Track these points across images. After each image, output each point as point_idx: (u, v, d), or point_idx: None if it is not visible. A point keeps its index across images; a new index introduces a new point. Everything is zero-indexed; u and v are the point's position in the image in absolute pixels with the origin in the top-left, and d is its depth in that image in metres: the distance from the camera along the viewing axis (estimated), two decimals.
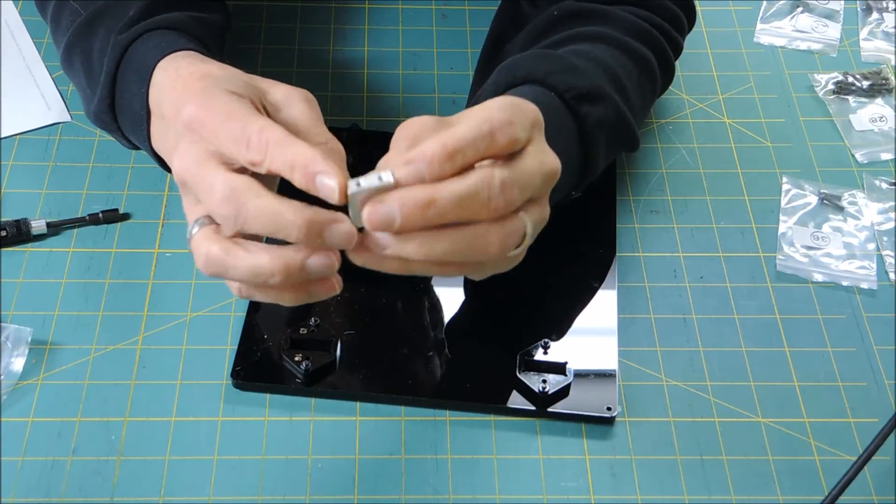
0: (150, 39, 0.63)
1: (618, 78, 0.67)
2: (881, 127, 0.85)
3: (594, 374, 0.68)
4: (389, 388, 0.67)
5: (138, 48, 0.63)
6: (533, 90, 0.63)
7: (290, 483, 0.63)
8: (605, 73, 0.66)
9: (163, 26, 0.64)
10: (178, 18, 0.66)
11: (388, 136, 0.80)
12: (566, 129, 0.63)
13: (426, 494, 0.63)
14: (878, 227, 0.78)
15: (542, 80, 0.63)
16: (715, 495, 0.64)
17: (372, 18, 0.92)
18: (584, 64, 0.66)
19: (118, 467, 0.63)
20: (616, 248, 0.75)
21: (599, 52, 0.68)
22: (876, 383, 0.69)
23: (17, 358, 0.67)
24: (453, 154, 0.48)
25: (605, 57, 0.68)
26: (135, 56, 0.63)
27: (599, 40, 0.69)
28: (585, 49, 0.68)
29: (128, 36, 0.64)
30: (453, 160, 0.48)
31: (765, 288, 0.74)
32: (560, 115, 0.63)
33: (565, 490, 0.64)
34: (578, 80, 0.64)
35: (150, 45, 0.63)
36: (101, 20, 0.67)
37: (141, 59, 0.62)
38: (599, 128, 0.65)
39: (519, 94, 0.61)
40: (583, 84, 0.64)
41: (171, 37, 0.64)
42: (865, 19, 0.95)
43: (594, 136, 0.64)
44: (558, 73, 0.63)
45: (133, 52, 0.64)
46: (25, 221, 0.74)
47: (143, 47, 0.63)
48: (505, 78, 0.65)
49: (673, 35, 0.74)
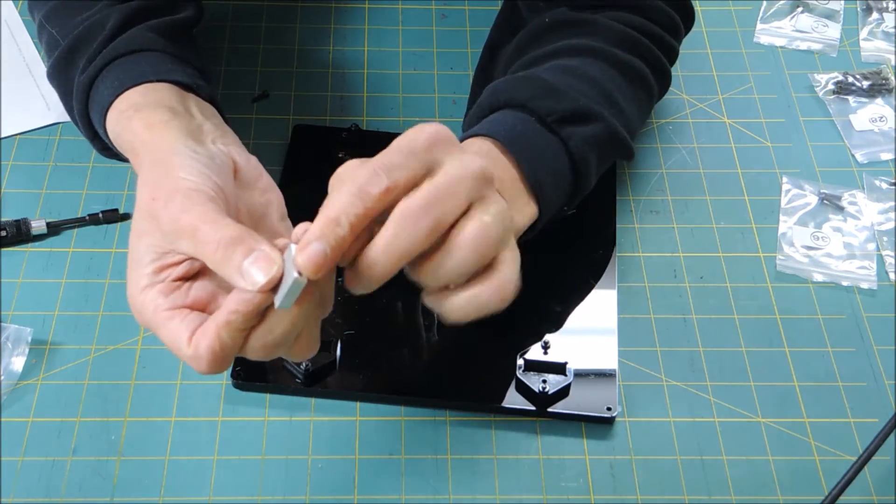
0: (107, 75, 0.63)
1: (607, 92, 0.67)
2: (881, 127, 0.85)
3: (594, 374, 0.68)
4: (389, 388, 0.67)
5: (98, 87, 0.64)
6: (514, 115, 0.64)
7: (290, 483, 0.63)
8: (593, 89, 0.67)
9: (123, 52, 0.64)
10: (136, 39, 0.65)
11: (388, 136, 0.80)
12: (552, 150, 0.63)
13: (426, 494, 0.63)
14: (878, 227, 0.78)
15: (524, 105, 0.64)
16: (715, 495, 0.64)
17: (372, 18, 0.92)
18: (570, 82, 0.66)
19: (118, 467, 0.63)
20: (616, 248, 0.75)
21: (587, 66, 0.68)
22: (876, 383, 0.69)
23: (17, 358, 0.67)
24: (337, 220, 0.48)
25: (594, 72, 0.68)
26: (96, 96, 0.64)
27: (587, 53, 0.69)
28: (574, 64, 0.68)
29: (87, 76, 0.64)
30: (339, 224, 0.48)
31: (765, 288, 0.74)
32: (544, 138, 0.63)
33: (565, 490, 0.64)
34: (560, 103, 0.64)
35: (106, 84, 0.63)
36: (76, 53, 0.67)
37: (100, 100, 0.63)
38: (588, 146, 0.65)
39: (500, 119, 0.63)
40: (564, 107, 0.64)
41: (126, 67, 0.63)
42: (865, 19, 0.95)
43: (582, 154, 0.64)
44: (539, 98, 0.64)
45: (95, 91, 0.64)
46: (25, 221, 0.74)
47: (102, 85, 0.63)
48: (488, 101, 0.66)
49: (666, 41, 0.74)
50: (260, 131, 0.82)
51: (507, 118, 0.63)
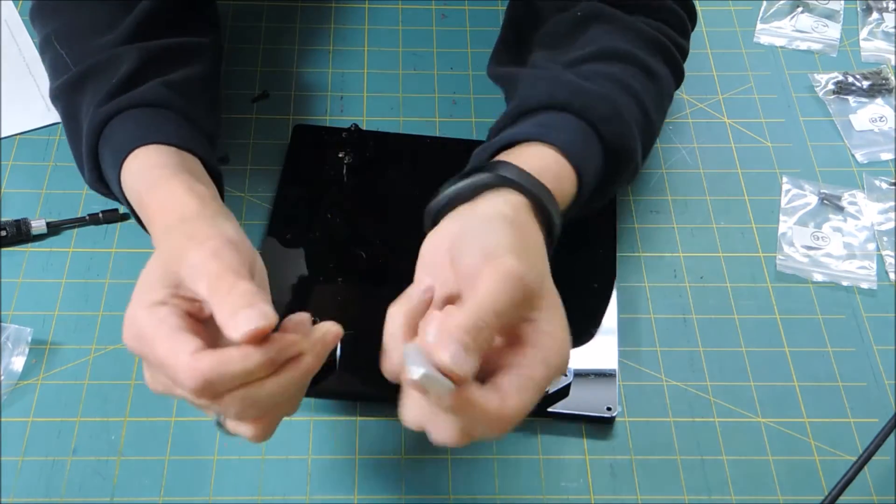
0: (126, 121, 0.64)
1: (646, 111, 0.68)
2: (881, 127, 0.85)
3: (594, 374, 0.68)
4: (389, 388, 0.67)
5: (115, 128, 0.64)
6: (585, 130, 0.63)
7: (290, 483, 0.63)
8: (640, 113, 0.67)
9: (141, 103, 0.65)
10: (157, 94, 0.66)
11: (387, 136, 0.80)
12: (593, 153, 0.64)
13: (426, 494, 0.63)
14: (878, 227, 0.78)
15: (594, 125, 0.63)
16: (715, 495, 0.64)
17: (372, 18, 0.92)
18: (625, 102, 0.66)
19: (118, 467, 0.63)
20: (616, 248, 0.75)
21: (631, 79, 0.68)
22: (876, 383, 0.69)
23: (17, 358, 0.68)
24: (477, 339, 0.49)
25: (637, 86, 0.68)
26: (112, 135, 0.64)
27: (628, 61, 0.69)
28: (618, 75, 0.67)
29: (102, 114, 0.64)
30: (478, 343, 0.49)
31: (765, 288, 0.74)
32: (598, 159, 0.64)
33: (565, 490, 0.64)
34: (622, 139, 0.64)
35: (126, 127, 0.63)
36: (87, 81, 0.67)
37: (115, 143, 0.63)
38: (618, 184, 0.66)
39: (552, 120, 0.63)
40: (623, 143, 0.65)
41: (147, 119, 0.64)
42: (865, 19, 0.94)
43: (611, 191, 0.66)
44: (607, 122, 0.64)
45: (110, 130, 0.64)
46: (25, 221, 0.74)
47: (119, 127, 0.64)
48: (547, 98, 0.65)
49: (681, 42, 0.74)
50: (260, 131, 0.82)
51: (578, 135, 0.63)
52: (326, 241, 0.74)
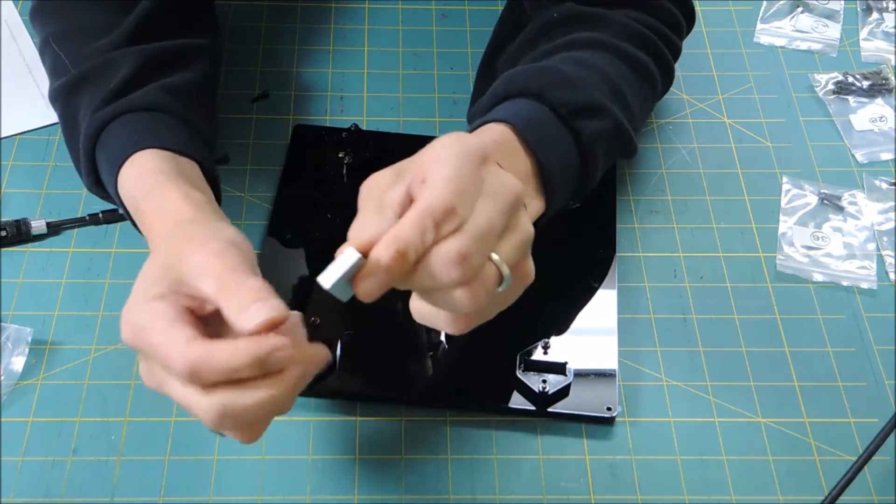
0: (123, 126, 0.64)
1: (617, 87, 0.67)
2: (881, 127, 0.85)
3: (594, 374, 0.68)
4: (389, 388, 0.67)
5: (112, 132, 0.64)
6: (529, 104, 0.63)
7: (290, 483, 0.63)
8: (604, 83, 0.67)
9: (138, 107, 0.65)
10: (154, 98, 0.66)
11: (387, 136, 0.80)
12: (562, 140, 0.63)
13: (426, 494, 0.63)
14: (878, 227, 0.78)
15: (538, 94, 0.64)
16: (715, 495, 0.64)
17: (372, 18, 0.92)
18: (583, 74, 0.66)
19: (118, 467, 0.63)
20: (616, 248, 0.75)
21: (598, 59, 0.68)
22: (876, 383, 0.69)
23: (17, 358, 0.68)
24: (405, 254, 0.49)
25: (604, 65, 0.68)
26: (109, 140, 0.64)
27: (598, 47, 0.69)
28: (584, 57, 0.68)
29: (100, 117, 0.64)
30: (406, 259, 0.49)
31: (765, 288, 0.74)
32: (555, 128, 0.63)
33: (565, 490, 0.64)
34: (574, 95, 0.64)
35: (122, 132, 0.63)
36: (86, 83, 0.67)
37: (111, 148, 0.63)
38: (597, 139, 0.65)
39: (515, 106, 0.63)
40: (579, 98, 0.64)
41: (143, 124, 0.64)
42: (865, 19, 0.94)
43: (592, 148, 0.64)
44: (553, 88, 0.64)
45: (107, 134, 0.64)
46: (25, 221, 0.74)
47: (116, 132, 0.64)
48: (503, 88, 0.65)
49: (672, 39, 0.74)
50: (260, 131, 0.82)
51: (523, 106, 0.63)
52: (326, 241, 0.74)
